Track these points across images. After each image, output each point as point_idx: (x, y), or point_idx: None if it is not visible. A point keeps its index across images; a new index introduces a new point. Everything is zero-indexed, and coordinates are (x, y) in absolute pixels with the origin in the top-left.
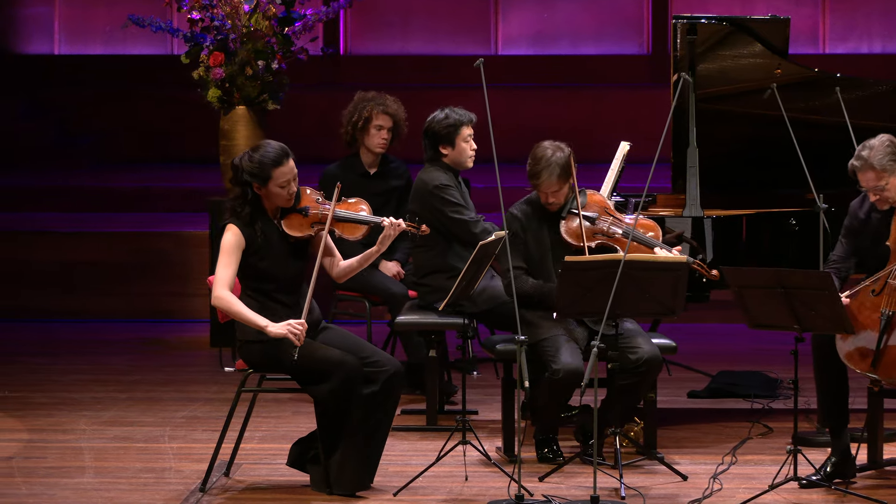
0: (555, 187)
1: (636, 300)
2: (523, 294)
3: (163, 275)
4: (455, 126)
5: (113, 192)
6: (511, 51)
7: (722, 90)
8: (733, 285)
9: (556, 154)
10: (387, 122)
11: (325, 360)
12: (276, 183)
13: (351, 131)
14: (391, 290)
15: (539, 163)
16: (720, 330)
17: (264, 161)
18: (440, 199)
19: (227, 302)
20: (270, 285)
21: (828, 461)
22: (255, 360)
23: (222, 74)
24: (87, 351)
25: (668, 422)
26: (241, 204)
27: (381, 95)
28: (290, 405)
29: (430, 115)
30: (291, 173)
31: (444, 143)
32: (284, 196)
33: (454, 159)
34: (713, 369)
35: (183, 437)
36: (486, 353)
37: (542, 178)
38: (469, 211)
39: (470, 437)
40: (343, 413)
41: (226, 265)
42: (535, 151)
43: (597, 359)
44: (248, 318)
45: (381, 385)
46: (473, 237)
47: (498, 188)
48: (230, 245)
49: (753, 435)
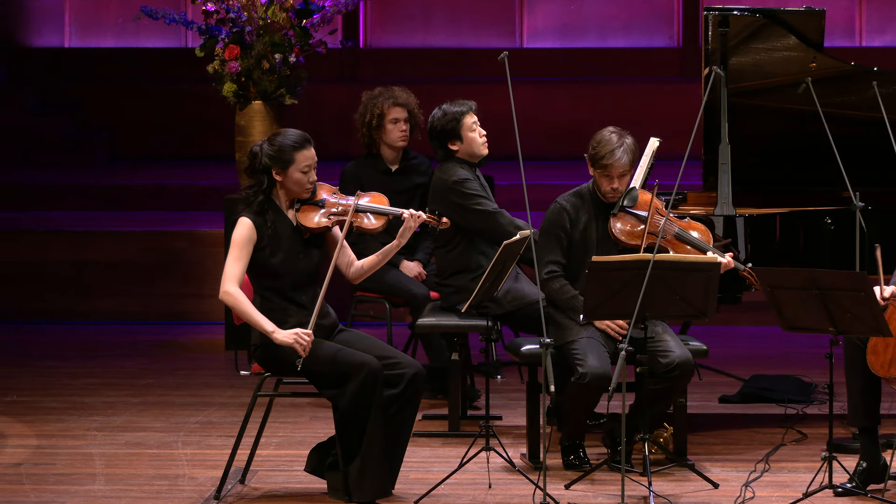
0: (625, 169)
1: (666, 302)
2: (553, 299)
3: (177, 275)
4: (456, 119)
5: (126, 189)
6: (537, 44)
7: (755, 84)
8: (766, 286)
9: (626, 137)
10: (401, 113)
11: (344, 361)
12: (297, 167)
13: (367, 133)
14: (412, 292)
15: (608, 143)
16: (752, 333)
17: (285, 144)
18: (460, 194)
19: (234, 299)
20: (284, 283)
21: (858, 466)
22: (270, 363)
23: (238, 68)
24: (98, 354)
25: (699, 427)
26: (254, 192)
27: (387, 89)
28: (308, 410)
29: (430, 116)
30: (313, 159)
31: (452, 139)
32: (305, 183)
33: (466, 151)
34: (745, 373)
35: (197, 443)
36: (511, 356)
37: (615, 158)
38: (491, 202)
39: (493, 443)
40: (363, 417)
41: (236, 259)
42: (600, 135)
43: (625, 363)
44: (254, 319)
45: (403, 388)
46: (499, 227)
47: (523, 185)
48: (242, 238)
49: (787, 441)
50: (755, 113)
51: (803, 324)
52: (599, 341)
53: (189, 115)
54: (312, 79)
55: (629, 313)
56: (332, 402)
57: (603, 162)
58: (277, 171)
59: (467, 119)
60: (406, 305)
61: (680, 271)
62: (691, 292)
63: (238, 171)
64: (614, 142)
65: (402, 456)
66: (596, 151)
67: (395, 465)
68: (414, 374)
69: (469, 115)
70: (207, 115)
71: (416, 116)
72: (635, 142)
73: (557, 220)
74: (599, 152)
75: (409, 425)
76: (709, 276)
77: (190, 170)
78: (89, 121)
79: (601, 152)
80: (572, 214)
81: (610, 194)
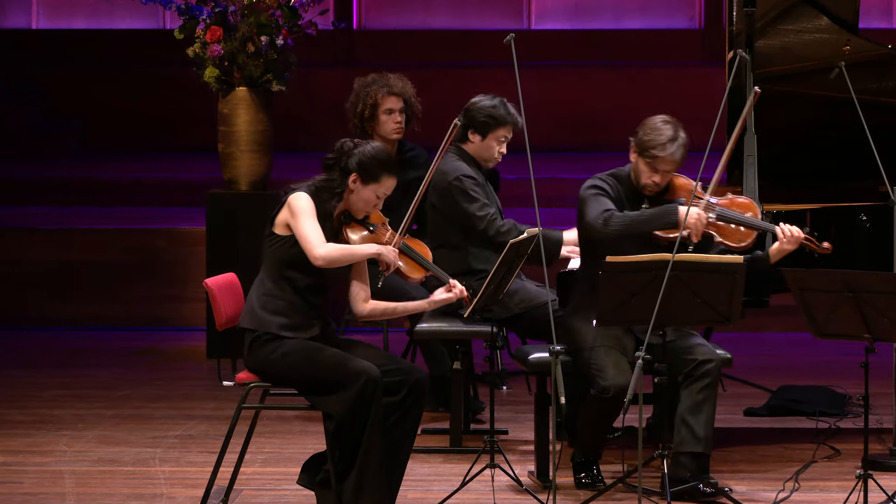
0: (673, 166)
1: (686, 306)
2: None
3: (155, 277)
4: (496, 120)
5: (98, 183)
6: (546, 25)
7: (783, 69)
8: (796, 289)
9: (681, 131)
10: (396, 103)
11: (341, 367)
12: (377, 189)
13: (359, 124)
14: (410, 295)
15: (663, 133)
16: (781, 339)
17: (382, 160)
18: (459, 191)
19: (337, 249)
20: (308, 280)
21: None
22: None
23: (221, 51)
24: (69, 363)
25: (723, 443)
26: (334, 189)
27: (382, 76)
28: (297, 423)
29: (480, 96)
30: (391, 189)
31: (476, 131)
32: (371, 206)
33: (478, 152)
34: (773, 384)
35: (176, 460)
36: (518, 364)
37: (668, 152)
38: (489, 207)
39: (499, 459)
40: (359, 428)
41: (313, 225)
42: (653, 122)
43: (641, 372)
44: (362, 252)
45: (404, 395)
46: (488, 236)
47: (531, 179)
48: (310, 206)
49: (819, 458)
50: (784, 100)
51: (836, 330)
52: (617, 349)
53: (168, 103)
54: (302, 63)
55: (646, 319)
56: (324, 412)
57: (654, 153)
58: (356, 180)
59: (502, 130)
60: None
61: (702, 273)
62: (714, 295)
63: (222, 164)
64: (669, 134)
65: (403, 472)
66: (650, 139)
67: (395, 482)
68: (416, 381)
69: (508, 128)
70: (188, 103)
71: (412, 106)
72: (688, 137)
73: (595, 185)
74: (651, 141)
75: (411, 437)
76: (734, 277)
77: (169, 162)
78: (58, 109)
79: (653, 142)
80: (610, 192)
81: (649, 188)
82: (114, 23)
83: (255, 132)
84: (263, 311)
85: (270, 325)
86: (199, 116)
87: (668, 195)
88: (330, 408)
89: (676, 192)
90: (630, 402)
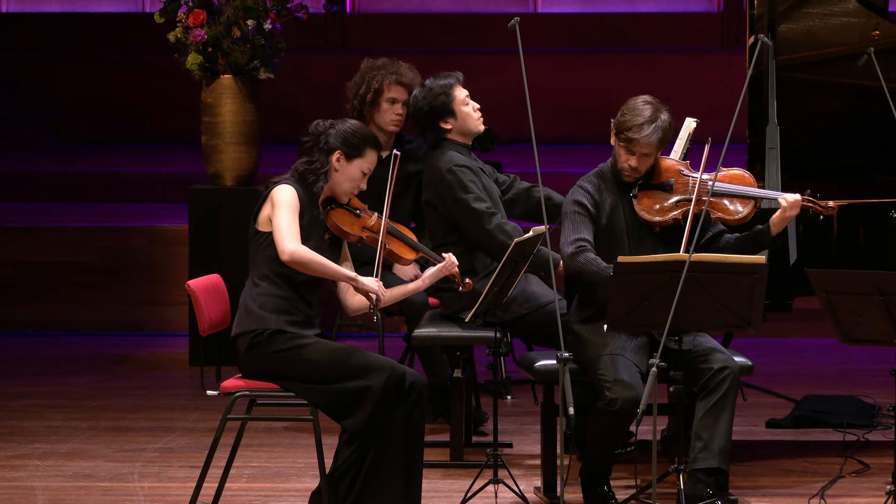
0: (651, 149)
1: (704, 310)
2: (583, 273)
3: (134, 278)
4: (445, 93)
5: (74, 178)
6: (553, 8)
7: (808, 55)
8: (821, 291)
9: (662, 112)
10: (401, 94)
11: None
12: (362, 165)
13: (358, 106)
14: (408, 298)
15: (639, 114)
16: (806, 345)
17: (364, 134)
18: (454, 181)
19: (309, 253)
20: (301, 276)
21: None
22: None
23: (204, 36)
24: (42, 370)
25: (743, 457)
26: (318, 171)
27: (393, 62)
28: (287, 435)
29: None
30: (374, 165)
31: (444, 116)
32: (357, 185)
33: (460, 129)
34: (797, 393)
35: (156, 475)
36: (523, 372)
37: (643, 134)
38: (484, 201)
39: (503, 474)
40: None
41: (291, 220)
42: (633, 102)
43: (656, 381)
44: (334, 270)
45: (409, 404)
46: (483, 231)
47: (537, 173)
48: (292, 200)
49: (846, 473)
50: (808, 89)
51: (865, 335)
52: (628, 357)
53: (147, 92)
54: (292, 49)
55: (660, 323)
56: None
57: (628, 134)
58: (340, 158)
59: (458, 91)
60: (401, 314)
61: (720, 273)
62: (734, 298)
63: (205, 157)
64: (646, 115)
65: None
66: (624, 120)
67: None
68: (413, 382)
69: (458, 86)
70: (169, 92)
71: None
72: (671, 120)
73: (578, 200)
74: (627, 122)
75: (420, 446)
76: (755, 278)
77: (148, 156)
78: (30, 99)
79: (629, 123)
80: (596, 197)
81: (626, 172)
82: (89, 6)
83: (241, 123)
84: (263, 310)
85: (273, 322)
86: (182, 106)
87: (655, 179)
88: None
89: (663, 175)
90: (643, 413)
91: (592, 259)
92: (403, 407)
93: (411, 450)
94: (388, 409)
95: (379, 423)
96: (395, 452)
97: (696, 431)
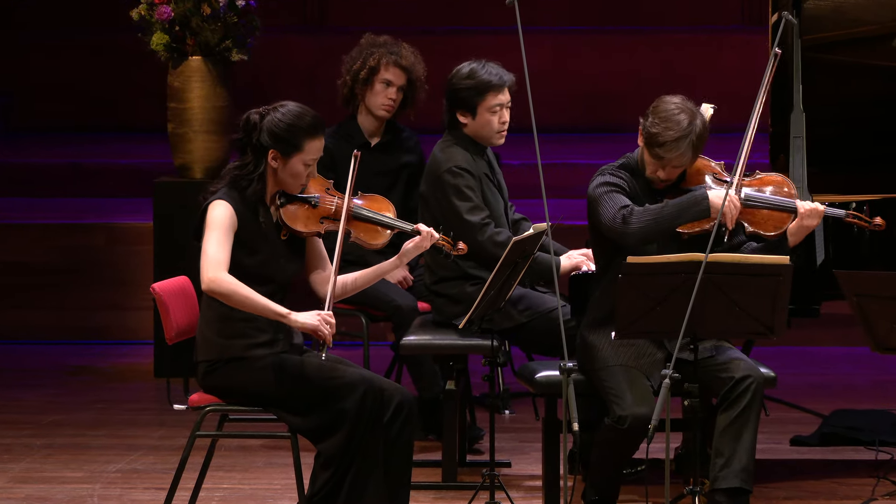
0: (684, 166)
1: (722, 315)
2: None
3: (93, 281)
4: (478, 89)
5: (26, 170)
6: None
7: (836, 35)
8: (852, 295)
9: (696, 121)
10: (398, 77)
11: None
12: (303, 158)
13: (350, 83)
14: (396, 302)
15: (673, 126)
16: (835, 355)
17: (298, 126)
18: (449, 185)
19: (228, 284)
20: (262, 289)
21: None
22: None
23: (171, 14)
24: None
25: (766, 477)
26: (248, 175)
27: (396, 42)
28: (261, 454)
29: (456, 69)
30: (321, 151)
31: (462, 109)
32: (303, 177)
33: (475, 132)
34: (825, 408)
35: (118, 497)
36: (523, 385)
37: (676, 153)
38: (481, 211)
39: (500, 496)
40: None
41: (218, 242)
42: (665, 108)
43: (669, 394)
44: (260, 304)
45: (388, 419)
46: (474, 243)
47: (538, 165)
48: (224, 221)
49: (878, 495)
50: (837, 72)
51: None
52: (639, 369)
53: (108, 76)
54: (267, 28)
55: (674, 330)
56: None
57: (659, 151)
58: (276, 157)
59: (492, 97)
60: (388, 320)
61: (740, 275)
62: (755, 302)
63: (172, 147)
64: (682, 126)
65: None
66: (656, 133)
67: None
68: (401, 401)
69: (498, 92)
70: (132, 76)
71: (415, 89)
72: (707, 123)
73: (609, 182)
74: (659, 137)
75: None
76: (777, 281)
77: (109, 145)
78: None
79: (661, 138)
80: (627, 189)
81: (655, 182)
82: None
83: (211, 109)
84: (221, 337)
85: (232, 349)
86: (146, 91)
87: (686, 182)
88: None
89: (695, 176)
90: (655, 430)
91: (641, 211)
92: (390, 430)
93: (397, 473)
94: (365, 430)
95: (357, 444)
96: (377, 476)
97: (716, 447)
